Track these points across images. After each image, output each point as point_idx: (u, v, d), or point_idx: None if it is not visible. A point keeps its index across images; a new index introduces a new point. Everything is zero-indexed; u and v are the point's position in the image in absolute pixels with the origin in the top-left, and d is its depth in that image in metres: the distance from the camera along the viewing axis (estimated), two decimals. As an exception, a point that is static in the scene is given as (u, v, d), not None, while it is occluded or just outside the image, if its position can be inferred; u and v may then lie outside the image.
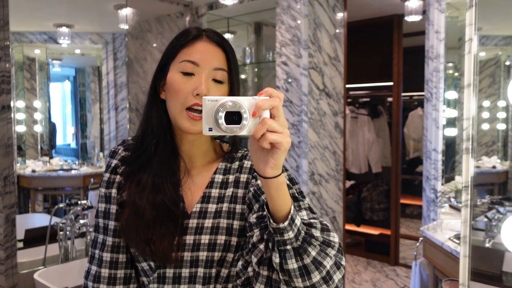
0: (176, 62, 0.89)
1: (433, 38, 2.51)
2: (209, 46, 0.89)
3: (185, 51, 0.88)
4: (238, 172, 0.94)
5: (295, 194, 0.83)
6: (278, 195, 0.71)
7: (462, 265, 0.74)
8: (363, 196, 4.61)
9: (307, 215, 0.80)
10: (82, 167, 4.36)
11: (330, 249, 0.75)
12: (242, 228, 0.89)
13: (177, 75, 0.88)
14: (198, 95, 0.85)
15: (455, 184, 2.96)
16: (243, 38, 3.84)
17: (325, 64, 3.00)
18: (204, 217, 0.90)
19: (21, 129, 4.45)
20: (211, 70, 0.87)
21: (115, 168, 0.95)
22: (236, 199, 0.91)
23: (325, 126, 3.01)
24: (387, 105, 4.67)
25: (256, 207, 0.84)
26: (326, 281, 0.73)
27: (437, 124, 2.53)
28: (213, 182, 0.94)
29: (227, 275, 0.89)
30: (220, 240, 0.88)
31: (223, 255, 0.88)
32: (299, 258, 0.72)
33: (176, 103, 0.87)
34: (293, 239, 0.71)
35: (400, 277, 3.79)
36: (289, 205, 0.72)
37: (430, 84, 2.55)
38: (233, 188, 0.92)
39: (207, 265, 0.87)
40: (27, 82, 4.62)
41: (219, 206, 0.91)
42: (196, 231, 0.89)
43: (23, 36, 4.27)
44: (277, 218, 0.72)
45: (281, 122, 0.68)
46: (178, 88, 0.87)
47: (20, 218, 2.69)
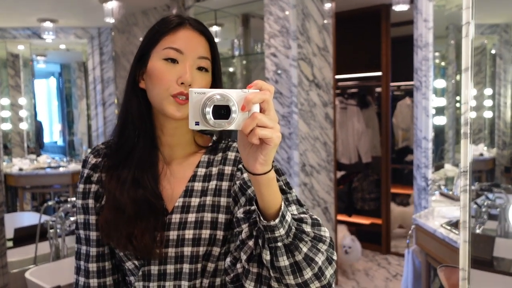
0: (158, 50, 0.86)
1: (422, 27, 2.51)
2: (193, 34, 0.86)
3: (167, 38, 0.85)
4: (221, 164, 0.91)
5: (282, 186, 0.80)
6: (268, 192, 0.69)
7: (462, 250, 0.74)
8: (354, 186, 4.63)
9: (297, 210, 0.77)
10: (70, 164, 4.30)
11: (322, 244, 0.73)
12: (227, 221, 0.86)
13: (159, 62, 0.85)
14: (182, 84, 0.83)
15: (444, 172, 2.99)
16: (231, 30, 3.81)
17: (314, 55, 2.99)
18: (187, 212, 0.88)
19: (7, 127, 4.38)
20: (195, 58, 0.85)
21: (88, 178, 0.93)
22: (220, 192, 0.89)
23: (316, 117, 3.01)
24: (375, 96, 4.69)
25: (242, 201, 0.82)
26: (318, 277, 0.71)
27: (427, 113, 2.54)
28: (195, 175, 0.91)
29: (214, 269, 0.87)
30: (205, 234, 0.85)
31: (208, 250, 0.85)
32: (290, 255, 0.70)
33: (160, 91, 0.84)
34: (284, 236, 0.69)
35: (392, 265, 3.83)
36: (280, 201, 0.70)
37: (420, 73, 2.56)
38: (216, 181, 0.90)
39: (192, 260, 0.85)
40: (11, 79, 4.54)
41: (202, 200, 0.88)
42: (179, 226, 0.87)
43: (5, 32, 4.19)
44: (267, 215, 0.70)
45: (272, 116, 0.65)
46: (161, 75, 0.84)
47: (9, 217, 2.65)
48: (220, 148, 0.94)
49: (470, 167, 0.87)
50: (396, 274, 3.63)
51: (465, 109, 0.98)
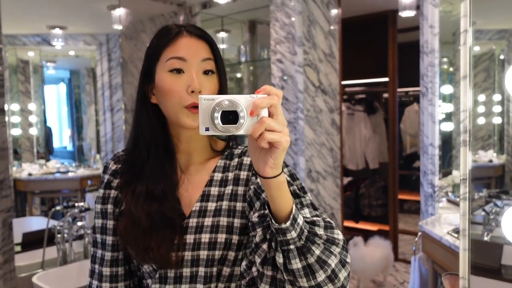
0: (162, 63, 0.87)
1: (428, 33, 2.50)
2: (192, 40, 0.87)
3: (168, 49, 0.87)
4: (237, 169, 0.92)
5: (296, 191, 0.81)
6: (279, 195, 0.70)
7: (462, 258, 0.74)
8: (361, 193, 4.61)
9: (310, 213, 0.78)
10: (79, 169, 4.34)
11: (335, 246, 0.73)
12: (243, 226, 0.87)
13: (166, 75, 0.86)
14: (193, 92, 0.84)
15: (452, 178, 2.97)
16: (238, 36, 3.83)
17: (320, 61, 2.99)
18: (203, 216, 0.89)
19: (17, 132, 4.43)
20: (199, 62, 0.86)
21: (108, 183, 0.96)
22: (236, 196, 0.90)
23: (322, 123, 3.01)
24: (383, 101, 4.67)
25: (257, 205, 0.83)
26: (331, 279, 0.72)
27: (434, 119, 2.53)
28: (212, 180, 0.92)
29: (230, 274, 0.87)
30: (221, 238, 0.86)
31: (224, 254, 0.87)
32: (303, 257, 0.70)
33: (172, 104, 0.85)
34: (296, 239, 0.70)
35: (400, 272, 3.79)
36: (291, 204, 0.71)
37: (426, 79, 2.55)
38: (232, 186, 0.91)
39: (208, 264, 0.86)
40: (21, 85, 4.60)
41: (218, 204, 0.90)
42: (196, 230, 0.88)
43: (16, 39, 4.25)
44: (279, 218, 0.71)
45: (280, 120, 0.67)
46: (170, 88, 0.85)
47: (17, 222, 2.68)
48: (236, 153, 0.95)
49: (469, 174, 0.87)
50: (403, 282, 3.60)
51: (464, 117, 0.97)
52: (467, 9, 0.93)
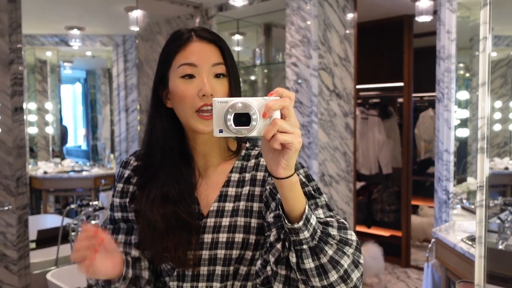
0: (174, 69, 0.88)
1: (445, 38, 2.49)
2: (202, 45, 0.88)
3: (179, 55, 0.88)
4: (254, 170, 0.93)
5: (311, 191, 0.82)
6: (292, 195, 0.71)
7: (477, 266, 0.74)
8: (374, 198, 4.58)
9: (324, 213, 0.79)
10: (93, 168, 4.39)
11: (348, 247, 0.74)
12: (260, 226, 0.89)
13: (178, 81, 0.87)
14: (204, 96, 0.85)
15: (467, 185, 2.93)
16: (253, 39, 3.85)
17: (335, 65, 2.99)
18: (221, 216, 0.91)
19: (33, 130, 4.50)
20: (210, 67, 0.87)
21: (128, 178, 0.97)
22: (253, 197, 0.91)
23: (336, 127, 3.00)
24: (397, 106, 4.64)
25: (273, 206, 0.84)
26: (344, 280, 0.72)
27: (449, 125, 2.51)
28: (229, 181, 0.94)
29: (246, 273, 0.89)
30: (238, 238, 0.88)
31: (241, 253, 0.88)
32: (315, 257, 0.71)
33: (185, 109, 0.87)
34: (309, 239, 0.71)
35: (412, 279, 3.76)
36: (304, 205, 0.72)
37: (442, 85, 2.53)
38: (249, 186, 0.92)
39: (225, 263, 0.88)
40: (39, 84, 4.68)
41: (236, 205, 0.91)
42: (214, 229, 0.90)
43: (34, 39, 4.32)
44: (292, 218, 0.72)
45: (292, 122, 0.68)
46: (183, 93, 0.86)
47: (32, 219, 2.72)
48: (253, 154, 0.96)
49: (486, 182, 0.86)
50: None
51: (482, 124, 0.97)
52: (486, 16, 0.93)
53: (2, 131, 2.54)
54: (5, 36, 2.53)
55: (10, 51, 2.55)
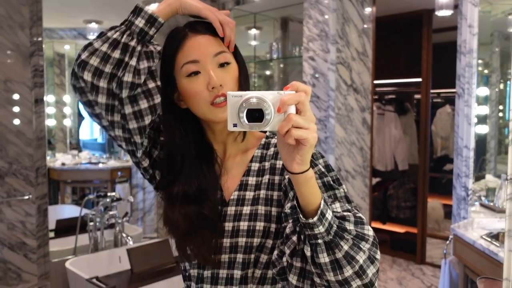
0: (177, 70, 0.88)
1: (466, 33, 2.45)
2: (199, 38, 0.87)
3: (180, 55, 0.87)
4: (273, 159, 0.93)
5: (330, 182, 0.81)
6: (307, 190, 0.70)
7: (506, 260, 0.72)
8: (389, 194, 4.55)
9: (341, 207, 0.77)
10: (110, 161, 4.44)
11: (364, 242, 0.73)
12: (280, 214, 0.88)
13: (184, 80, 0.87)
14: (214, 88, 0.85)
15: (485, 183, 2.89)
16: (270, 33, 3.84)
17: (353, 59, 2.96)
18: (242, 204, 0.91)
19: (51, 123, 4.57)
20: (212, 58, 0.86)
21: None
22: (273, 186, 0.90)
23: (353, 122, 2.98)
24: (414, 102, 4.59)
25: (291, 195, 0.83)
26: (359, 275, 0.71)
27: (469, 121, 2.48)
28: (249, 170, 0.93)
29: (267, 261, 0.88)
30: (259, 226, 0.88)
31: (262, 241, 0.88)
32: (330, 252, 0.71)
33: (199, 105, 0.87)
34: (324, 233, 0.70)
35: (427, 276, 3.73)
36: (319, 200, 0.71)
37: (462, 80, 2.49)
38: (269, 175, 0.91)
39: (246, 251, 0.88)
40: (57, 77, 4.74)
41: (256, 193, 0.91)
42: (234, 218, 0.90)
43: (53, 33, 4.37)
44: (307, 212, 0.71)
45: (308, 117, 0.67)
46: (193, 91, 0.86)
47: (50, 209, 2.76)
48: (272, 143, 0.96)
49: (517, 174, 0.84)
50: (430, 286, 3.54)
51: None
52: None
53: (22, 123, 2.58)
54: (25, 29, 2.57)
55: (30, 44, 2.59)
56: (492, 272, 1.85)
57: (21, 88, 2.59)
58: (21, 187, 2.57)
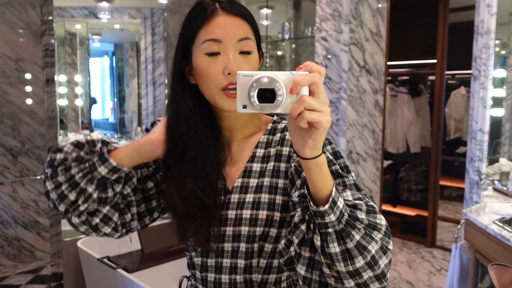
0: (197, 45, 0.83)
1: (484, 12, 2.37)
2: (228, 19, 0.83)
3: (203, 30, 0.82)
4: (279, 145, 0.90)
5: (339, 170, 0.78)
6: (318, 177, 0.67)
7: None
8: (401, 177, 4.52)
9: (352, 195, 0.74)
10: (121, 141, 4.46)
11: (376, 232, 0.70)
12: (285, 203, 0.86)
13: (202, 57, 0.83)
14: (229, 74, 0.81)
15: (499, 166, 2.85)
16: (282, 13, 3.77)
17: (366, 40, 2.91)
18: (245, 192, 0.89)
19: (63, 102, 4.59)
20: (236, 43, 0.82)
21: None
22: (278, 173, 0.88)
23: (365, 104, 2.94)
24: (428, 84, 4.51)
25: (298, 183, 0.80)
26: (371, 266, 0.69)
27: (485, 104, 2.42)
28: (254, 156, 0.91)
29: (272, 250, 0.87)
30: (262, 215, 0.86)
31: (265, 230, 0.86)
32: (341, 241, 0.68)
33: (210, 87, 0.83)
34: (335, 222, 0.68)
35: (437, 259, 3.72)
36: (331, 187, 0.68)
37: (479, 62, 2.43)
38: (274, 162, 0.89)
39: (249, 240, 0.86)
40: (68, 57, 4.74)
41: (260, 181, 0.88)
42: (237, 206, 0.88)
43: (64, 11, 4.35)
44: (318, 200, 0.69)
45: (321, 99, 0.64)
46: (207, 71, 0.82)
47: (63, 189, 2.79)
48: (279, 128, 0.93)
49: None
50: (440, 269, 3.54)
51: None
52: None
53: (34, 102, 2.59)
54: (36, 7, 2.55)
55: (41, 23, 2.57)
56: (504, 258, 1.83)
57: (33, 67, 2.59)
58: (34, 166, 2.60)
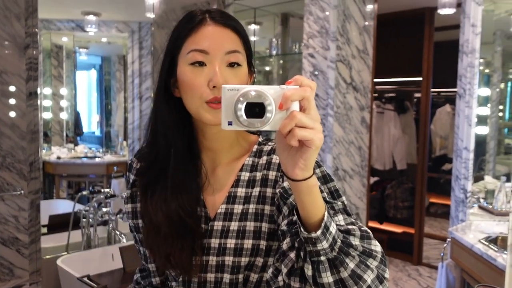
0: (183, 54, 0.79)
1: (469, 32, 2.41)
2: (217, 29, 0.79)
3: (190, 40, 0.78)
4: (266, 169, 0.84)
5: (326, 198, 0.73)
6: (309, 200, 0.63)
7: (508, 275, 0.69)
8: (387, 193, 4.52)
9: (344, 220, 0.70)
10: (106, 155, 4.40)
11: (372, 259, 0.66)
12: (271, 231, 0.81)
13: (187, 68, 0.78)
14: (215, 87, 0.76)
15: (484, 184, 2.86)
16: (270, 29, 3.79)
17: (353, 57, 2.92)
18: (229, 219, 0.83)
19: (48, 115, 4.52)
20: (223, 55, 0.77)
21: (134, 182, 0.92)
22: (264, 199, 0.83)
23: (351, 120, 2.95)
24: (414, 101, 4.56)
25: (285, 211, 0.76)
26: None
27: (470, 122, 2.44)
28: (239, 180, 0.85)
29: (258, 280, 0.82)
30: (247, 244, 0.81)
31: (251, 260, 0.81)
32: (335, 270, 0.63)
33: (193, 99, 0.78)
34: (328, 249, 0.63)
35: (423, 277, 3.71)
36: (322, 211, 0.63)
37: (464, 80, 2.45)
38: (260, 187, 0.84)
39: (233, 270, 0.81)
40: (54, 69, 4.68)
41: (245, 207, 0.83)
42: (221, 234, 0.83)
43: (51, 24, 4.31)
44: (308, 225, 0.64)
45: (313, 115, 0.59)
46: (191, 82, 0.77)
47: (44, 204, 2.72)
48: (265, 150, 0.87)
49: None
50: (427, 287, 3.52)
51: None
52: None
53: (17, 116, 2.54)
54: (21, 19, 2.52)
55: (26, 35, 2.53)
56: (490, 278, 1.82)
57: (17, 80, 2.54)
58: (15, 181, 2.53)
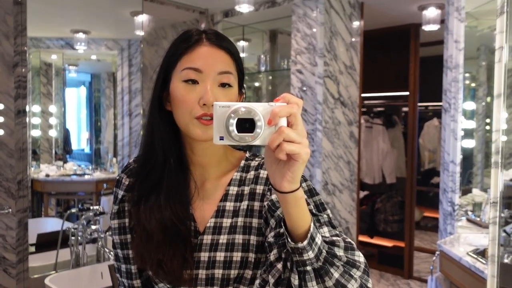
0: (177, 71, 0.83)
1: (452, 48, 2.46)
2: (212, 50, 0.82)
3: (185, 58, 0.82)
4: (253, 183, 0.88)
5: (313, 210, 0.76)
6: (296, 211, 0.66)
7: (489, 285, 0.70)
8: (377, 207, 4.54)
9: (329, 232, 0.73)
10: (95, 172, 4.37)
11: (355, 270, 0.69)
12: (260, 243, 0.83)
13: (180, 84, 0.82)
14: (204, 105, 0.79)
15: (472, 197, 2.89)
16: (258, 46, 3.84)
17: (340, 73, 2.97)
18: (218, 233, 0.86)
19: (37, 133, 4.49)
20: (215, 75, 0.81)
21: (122, 198, 0.92)
22: (252, 212, 0.85)
23: (340, 135, 2.98)
24: (402, 115, 4.62)
25: (272, 223, 0.79)
26: None
27: (456, 136, 2.48)
28: (227, 194, 0.88)
29: None
30: (236, 257, 0.83)
31: (240, 273, 0.83)
32: (320, 280, 0.66)
33: (183, 114, 0.81)
34: (314, 259, 0.66)
35: (414, 290, 3.71)
36: (309, 222, 0.67)
37: (449, 95, 2.50)
38: (248, 201, 0.86)
39: (223, 283, 0.83)
40: (44, 87, 4.67)
41: (234, 221, 0.86)
42: (211, 247, 0.85)
43: (40, 42, 4.32)
44: (295, 236, 0.67)
45: (300, 131, 0.63)
46: (183, 98, 0.81)
47: (33, 222, 2.70)
48: (252, 165, 0.91)
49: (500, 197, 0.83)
50: (418, 300, 3.52)
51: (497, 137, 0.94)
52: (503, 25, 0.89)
53: (5, 133, 2.53)
54: (10, 38, 2.53)
55: (15, 54, 2.55)
56: (479, 290, 1.83)
57: (6, 98, 2.54)
58: (2, 199, 2.51)
